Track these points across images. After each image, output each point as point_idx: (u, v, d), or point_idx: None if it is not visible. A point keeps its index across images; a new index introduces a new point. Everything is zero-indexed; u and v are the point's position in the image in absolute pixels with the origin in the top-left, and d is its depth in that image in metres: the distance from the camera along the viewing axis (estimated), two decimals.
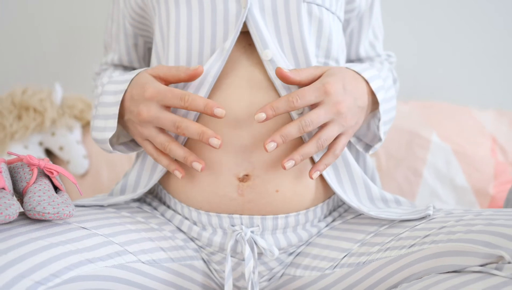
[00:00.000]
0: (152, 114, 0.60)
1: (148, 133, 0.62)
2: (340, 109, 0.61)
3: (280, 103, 0.59)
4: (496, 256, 0.51)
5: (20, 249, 0.51)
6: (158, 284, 0.62)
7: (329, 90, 0.60)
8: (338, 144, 0.63)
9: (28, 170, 0.57)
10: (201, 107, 0.59)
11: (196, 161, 0.60)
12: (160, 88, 0.60)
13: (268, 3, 0.64)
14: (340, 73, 0.63)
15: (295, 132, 0.59)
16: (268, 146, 0.58)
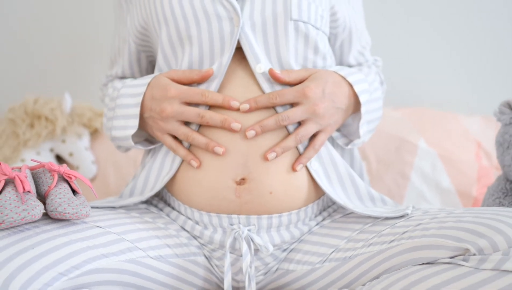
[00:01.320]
0: (176, 110, 0.69)
1: (170, 127, 0.71)
2: (317, 110, 0.69)
3: (262, 98, 0.69)
4: (463, 249, 0.58)
5: (45, 244, 0.58)
6: (165, 277, 0.69)
7: (308, 93, 0.69)
8: (317, 139, 0.72)
9: (49, 176, 0.64)
10: (220, 101, 0.69)
11: (217, 146, 0.69)
12: (182, 88, 0.70)
13: (258, 22, 0.71)
14: (323, 78, 0.71)
15: (272, 123, 0.68)
16: (248, 133, 0.68)
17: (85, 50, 1.38)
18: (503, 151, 0.79)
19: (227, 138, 0.69)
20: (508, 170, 0.78)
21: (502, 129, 0.81)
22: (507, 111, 0.80)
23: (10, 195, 0.58)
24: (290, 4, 0.71)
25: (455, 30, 1.39)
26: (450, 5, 1.37)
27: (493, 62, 1.40)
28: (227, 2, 0.71)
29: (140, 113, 0.74)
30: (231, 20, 0.71)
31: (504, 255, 0.55)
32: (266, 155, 0.69)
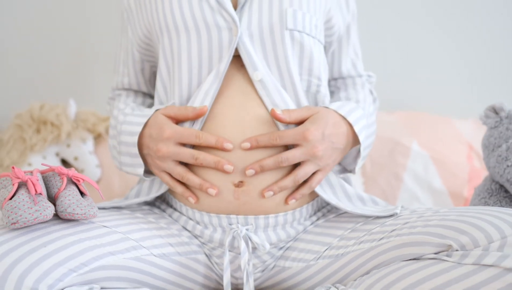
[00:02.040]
0: (171, 151, 0.72)
1: (166, 166, 0.74)
2: (316, 153, 0.72)
3: (263, 138, 0.71)
4: (446, 245, 0.62)
5: (56, 243, 0.62)
6: (167, 274, 0.73)
7: (308, 137, 0.72)
8: (314, 179, 0.75)
9: (59, 179, 0.68)
10: (213, 142, 0.71)
11: (211, 188, 0.72)
12: (177, 129, 0.73)
13: (256, 32, 0.76)
14: (323, 119, 0.74)
15: (271, 164, 0.71)
16: (247, 171, 0.71)
17: (88, 58, 1.42)
18: (489, 153, 0.84)
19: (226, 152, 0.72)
20: (493, 171, 0.82)
21: (487, 132, 0.85)
22: (492, 115, 0.84)
23: (23, 197, 0.62)
24: (285, 14, 0.75)
25: (449, 35, 1.42)
26: (445, 11, 1.41)
27: (486, 66, 1.44)
28: (226, 13, 0.75)
29: (140, 148, 0.77)
30: (230, 30, 0.75)
31: (484, 250, 0.59)
32: (264, 193, 0.72)
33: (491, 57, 1.43)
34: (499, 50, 1.43)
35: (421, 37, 1.43)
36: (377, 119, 1.26)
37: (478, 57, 1.44)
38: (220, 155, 0.72)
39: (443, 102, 1.43)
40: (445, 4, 1.41)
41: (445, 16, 1.42)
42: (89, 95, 1.39)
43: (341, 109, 0.78)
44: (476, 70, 1.44)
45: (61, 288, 0.59)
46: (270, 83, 0.75)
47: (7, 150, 1.18)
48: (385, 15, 1.43)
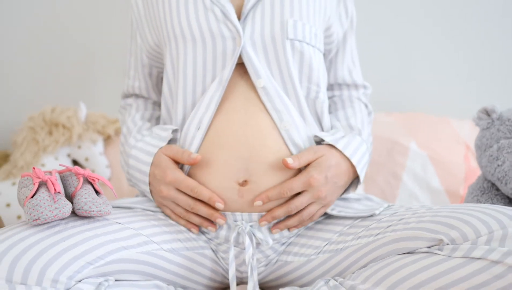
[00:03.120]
0: (172, 195, 0.79)
1: (167, 204, 0.81)
2: (320, 195, 0.78)
3: (273, 193, 0.76)
4: (438, 239, 0.66)
5: (74, 238, 0.66)
6: (176, 268, 0.78)
7: (312, 183, 0.77)
8: (317, 214, 0.82)
9: (75, 178, 0.73)
10: (206, 198, 0.77)
11: (210, 226, 0.79)
12: (178, 177, 0.78)
13: (258, 41, 0.80)
14: (326, 162, 0.78)
15: (282, 214, 0.78)
16: (261, 223, 0.78)
17: (98, 63, 1.46)
18: (481, 154, 0.88)
19: (230, 145, 0.77)
20: (485, 170, 0.86)
21: (480, 134, 0.89)
22: (485, 117, 0.88)
23: (43, 196, 0.67)
24: (286, 25, 0.80)
25: (447, 37, 1.46)
26: (442, 13, 1.45)
27: (484, 68, 1.47)
28: (230, 23, 0.79)
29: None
30: (234, 40, 0.80)
31: (472, 244, 0.64)
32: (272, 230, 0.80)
33: (488, 58, 1.47)
34: (496, 52, 1.47)
35: (419, 39, 1.47)
36: (376, 120, 1.32)
37: (475, 58, 1.47)
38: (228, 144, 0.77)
39: (441, 103, 1.47)
40: (443, 6, 1.45)
41: (443, 18, 1.46)
42: (99, 98, 1.44)
43: (346, 149, 0.82)
44: (473, 72, 1.48)
45: (79, 279, 0.64)
46: (272, 89, 0.79)
47: (21, 152, 1.22)
48: (383, 17, 1.46)
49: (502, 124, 0.85)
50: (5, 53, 1.44)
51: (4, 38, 1.43)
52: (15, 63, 1.45)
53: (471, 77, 1.48)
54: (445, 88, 1.49)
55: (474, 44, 1.47)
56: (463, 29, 1.46)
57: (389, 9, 1.46)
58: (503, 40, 1.46)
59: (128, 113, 0.95)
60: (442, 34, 1.47)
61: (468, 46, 1.47)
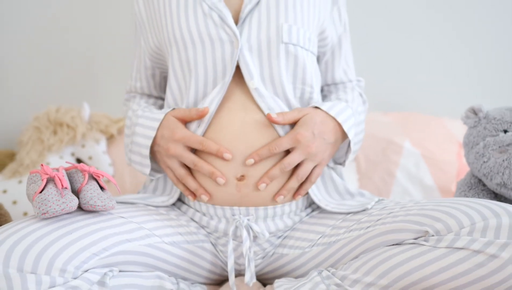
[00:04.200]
0: (178, 152, 0.81)
1: (171, 164, 0.83)
2: (310, 151, 0.81)
3: (263, 151, 0.79)
4: (424, 231, 0.70)
5: (80, 230, 0.70)
6: (177, 260, 0.82)
7: (300, 139, 0.80)
8: (314, 174, 0.84)
9: (81, 175, 0.77)
10: (214, 151, 0.80)
11: (204, 194, 0.82)
12: (186, 134, 0.81)
13: (254, 44, 0.84)
14: (312, 120, 0.82)
15: (278, 173, 0.80)
16: (260, 186, 0.80)
17: (101, 64, 1.50)
18: (468, 151, 0.91)
19: (229, 141, 0.81)
20: (472, 166, 0.90)
21: (467, 132, 0.93)
22: (472, 115, 0.92)
23: (51, 191, 0.71)
24: (281, 29, 0.84)
25: (440, 40, 1.50)
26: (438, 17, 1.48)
27: (476, 69, 1.50)
28: (228, 27, 0.83)
29: (152, 146, 0.86)
30: (231, 43, 0.84)
31: (456, 235, 0.68)
32: (276, 198, 0.82)
33: (480, 60, 1.51)
34: (488, 54, 1.50)
35: (414, 42, 1.51)
36: (372, 120, 1.36)
37: (468, 61, 1.51)
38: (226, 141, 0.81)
39: (435, 103, 1.51)
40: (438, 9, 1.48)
41: (437, 22, 1.49)
42: (102, 98, 1.47)
43: (331, 110, 0.85)
44: (466, 73, 1.52)
45: (85, 269, 0.68)
46: (264, 90, 0.83)
47: (26, 151, 1.26)
48: (380, 21, 1.50)
49: (488, 123, 0.89)
50: (10, 55, 1.47)
51: (9, 40, 1.47)
52: (20, 65, 1.48)
53: (464, 78, 1.52)
54: (438, 88, 1.52)
55: (467, 47, 1.50)
56: (456, 32, 1.49)
57: (385, 12, 1.50)
58: (495, 42, 1.49)
59: (132, 101, 0.99)
60: (435, 37, 1.50)
61: (461, 49, 1.51)
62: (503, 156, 0.83)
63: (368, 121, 1.33)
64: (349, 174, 1.28)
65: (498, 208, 0.69)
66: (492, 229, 0.66)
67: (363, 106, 0.98)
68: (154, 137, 0.85)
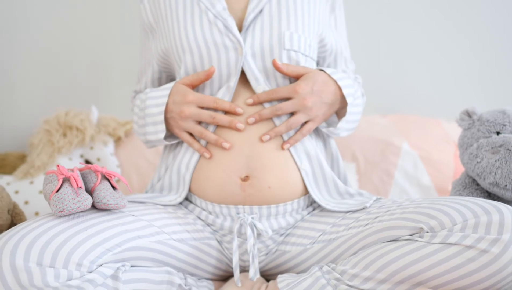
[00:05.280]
0: (193, 111, 0.86)
1: (187, 125, 0.88)
2: (306, 104, 0.85)
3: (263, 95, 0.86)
4: (419, 228, 0.74)
5: (94, 227, 0.75)
6: (185, 256, 0.86)
7: (298, 90, 0.85)
8: (306, 127, 0.88)
9: (94, 175, 0.81)
10: (227, 107, 0.85)
11: (225, 142, 0.86)
12: (198, 95, 0.87)
13: (258, 51, 0.88)
14: (314, 77, 0.87)
15: (268, 113, 0.85)
16: (249, 120, 0.85)
17: (109, 69, 1.54)
18: (463, 152, 0.95)
19: (235, 145, 0.85)
20: (466, 167, 0.94)
21: (462, 133, 0.97)
22: (466, 118, 0.96)
23: (67, 190, 0.75)
24: (283, 37, 0.88)
25: (437, 44, 1.53)
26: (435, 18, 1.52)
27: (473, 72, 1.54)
28: (232, 35, 0.88)
29: (164, 114, 0.90)
30: (236, 50, 0.88)
31: (449, 231, 0.72)
32: (261, 137, 0.85)
33: (477, 63, 1.54)
34: (485, 57, 1.54)
35: (412, 46, 1.55)
36: (371, 122, 1.40)
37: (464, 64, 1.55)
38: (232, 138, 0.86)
39: (432, 105, 1.55)
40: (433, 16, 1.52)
41: (433, 28, 1.53)
42: (110, 102, 1.51)
43: (334, 74, 0.90)
44: (463, 76, 1.55)
45: (100, 264, 0.72)
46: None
47: (37, 153, 1.30)
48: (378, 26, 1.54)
49: (481, 125, 0.93)
50: (21, 61, 1.52)
51: (20, 47, 1.51)
52: (30, 70, 1.53)
53: (461, 81, 1.56)
54: (436, 91, 1.56)
55: (464, 50, 1.54)
56: (454, 36, 1.53)
57: (383, 15, 1.53)
58: (492, 45, 1.53)
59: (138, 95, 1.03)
60: (433, 42, 1.54)
61: (458, 53, 1.54)
62: (495, 157, 0.87)
63: (367, 123, 1.38)
64: (349, 174, 1.31)
65: (489, 206, 0.73)
66: (483, 225, 0.70)
67: (361, 98, 1.02)
68: (166, 104, 0.89)
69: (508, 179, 0.85)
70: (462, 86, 1.56)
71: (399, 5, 1.53)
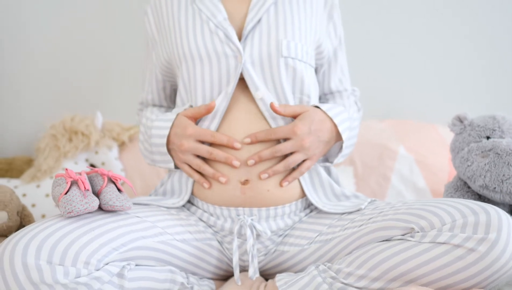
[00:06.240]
0: (192, 146, 0.89)
1: (187, 158, 0.91)
2: (304, 144, 0.89)
3: (261, 134, 0.88)
4: (410, 228, 0.78)
5: (101, 228, 0.78)
6: (187, 255, 0.89)
7: (296, 131, 0.88)
8: (304, 166, 0.92)
9: (100, 178, 0.85)
10: (224, 141, 0.88)
11: (222, 176, 0.89)
12: (197, 129, 0.89)
13: (256, 59, 0.92)
14: (310, 116, 0.90)
15: (268, 154, 0.88)
16: (248, 161, 0.87)
17: (113, 76, 1.57)
18: (455, 155, 0.99)
19: (234, 149, 0.89)
20: (458, 170, 0.98)
21: (454, 138, 1.01)
22: (458, 123, 1.00)
23: (75, 192, 0.79)
24: (281, 45, 0.92)
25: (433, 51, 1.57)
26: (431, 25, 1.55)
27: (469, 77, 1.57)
28: (232, 44, 0.92)
29: (167, 144, 0.94)
30: (235, 58, 0.92)
31: (438, 231, 0.75)
32: (260, 175, 0.88)
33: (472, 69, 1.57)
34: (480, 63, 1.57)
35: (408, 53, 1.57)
36: (368, 126, 1.43)
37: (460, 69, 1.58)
38: (230, 153, 0.89)
39: (428, 110, 1.58)
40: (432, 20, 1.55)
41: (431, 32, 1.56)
42: (114, 108, 1.55)
43: (330, 111, 0.93)
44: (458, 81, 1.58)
45: (106, 262, 0.76)
46: (269, 100, 0.91)
47: (44, 157, 1.34)
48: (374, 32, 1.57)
49: (472, 130, 0.97)
50: (27, 67, 1.56)
51: (27, 54, 1.55)
52: (37, 77, 1.57)
53: (456, 86, 1.59)
54: (432, 96, 1.59)
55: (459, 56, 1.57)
56: (449, 42, 1.56)
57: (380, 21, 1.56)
58: (487, 51, 1.56)
59: (145, 110, 1.07)
60: (429, 49, 1.57)
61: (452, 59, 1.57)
62: (485, 161, 0.91)
63: (364, 127, 1.41)
64: (347, 178, 1.35)
65: (477, 207, 0.76)
66: (470, 225, 0.74)
67: (358, 113, 1.06)
68: (168, 136, 0.93)
69: (497, 182, 0.88)
70: (458, 92, 1.59)
71: (397, 12, 1.56)
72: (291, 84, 0.94)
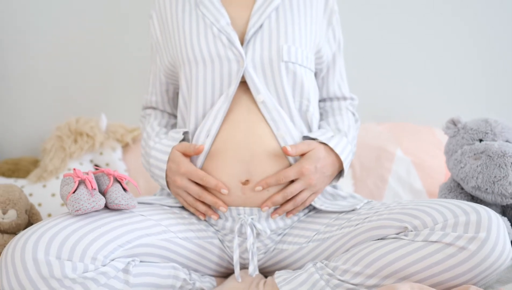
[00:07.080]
0: (184, 184, 0.93)
1: (180, 193, 0.95)
2: (311, 182, 0.92)
3: (271, 180, 0.90)
4: (404, 227, 0.81)
5: (107, 225, 0.82)
6: (189, 253, 0.92)
7: (304, 172, 0.91)
8: (308, 200, 0.95)
9: (107, 178, 0.88)
10: (213, 185, 0.91)
11: (214, 214, 0.94)
12: (190, 169, 0.93)
13: (258, 63, 0.95)
14: (316, 155, 0.93)
15: (280, 200, 0.91)
16: (263, 208, 0.92)
17: (117, 79, 1.61)
18: (449, 158, 1.02)
19: (235, 150, 0.92)
20: (452, 172, 1.01)
21: (448, 141, 1.04)
22: (452, 126, 1.03)
23: (83, 191, 0.82)
24: (282, 50, 0.95)
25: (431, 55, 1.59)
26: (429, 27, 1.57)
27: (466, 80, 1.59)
28: (235, 48, 0.95)
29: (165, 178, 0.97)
30: (237, 62, 0.95)
31: (430, 230, 0.78)
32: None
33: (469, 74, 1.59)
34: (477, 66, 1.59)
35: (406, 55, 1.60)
36: (366, 129, 1.46)
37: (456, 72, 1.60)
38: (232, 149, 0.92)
39: (425, 113, 1.60)
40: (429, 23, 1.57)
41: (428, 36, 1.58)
42: (118, 110, 1.58)
43: (336, 147, 0.96)
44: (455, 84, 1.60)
45: (112, 259, 0.79)
46: (270, 103, 0.94)
47: (50, 157, 1.37)
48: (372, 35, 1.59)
49: (465, 133, 1.00)
50: (34, 70, 1.59)
51: (32, 57, 1.58)
52: (43, 79, 1.60)
53: (453, 89, 1.61)
54: (428, 100, 1.61)
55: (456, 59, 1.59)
56: (446, 46, 1.58)
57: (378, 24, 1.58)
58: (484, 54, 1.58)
59: (147, 121, 1.10)
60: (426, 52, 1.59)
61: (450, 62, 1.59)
62: (477, 163, 0.94)
63: (363, 130, 1.44)
64: (345, 179, 1.38)
65: (468, 207, 0.79)
66: (462, 225, 0.77)
67: (355, 124, 1.09)
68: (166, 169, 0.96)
69: (489, 183, 0.92)
70: (456, 95, 1.61)
71: (394, 15, 1.58)
72: (291, 88, 0.97)
